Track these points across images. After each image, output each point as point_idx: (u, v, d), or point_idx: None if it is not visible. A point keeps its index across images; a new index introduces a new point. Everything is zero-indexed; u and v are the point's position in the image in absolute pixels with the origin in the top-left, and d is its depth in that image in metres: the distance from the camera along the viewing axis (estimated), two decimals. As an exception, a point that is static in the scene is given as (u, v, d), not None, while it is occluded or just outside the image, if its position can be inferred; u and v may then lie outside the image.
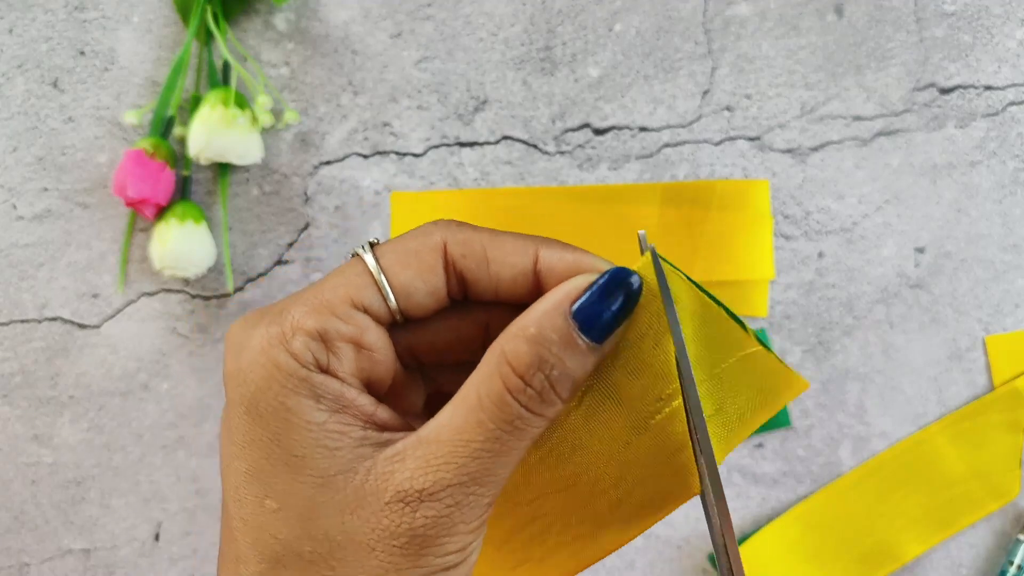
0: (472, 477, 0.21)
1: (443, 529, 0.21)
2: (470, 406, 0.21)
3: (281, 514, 0.21)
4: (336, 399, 0.21)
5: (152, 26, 0.50)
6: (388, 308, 0.23)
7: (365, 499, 0.21)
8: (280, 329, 0.21)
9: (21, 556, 0.49)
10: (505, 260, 0.23)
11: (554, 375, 0.21)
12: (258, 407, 0.21)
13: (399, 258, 0.23)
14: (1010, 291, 0.50)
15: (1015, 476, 0.50)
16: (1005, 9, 0.51)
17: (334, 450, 0.21)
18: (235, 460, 0.22)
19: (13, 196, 0.49)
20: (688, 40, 0.51)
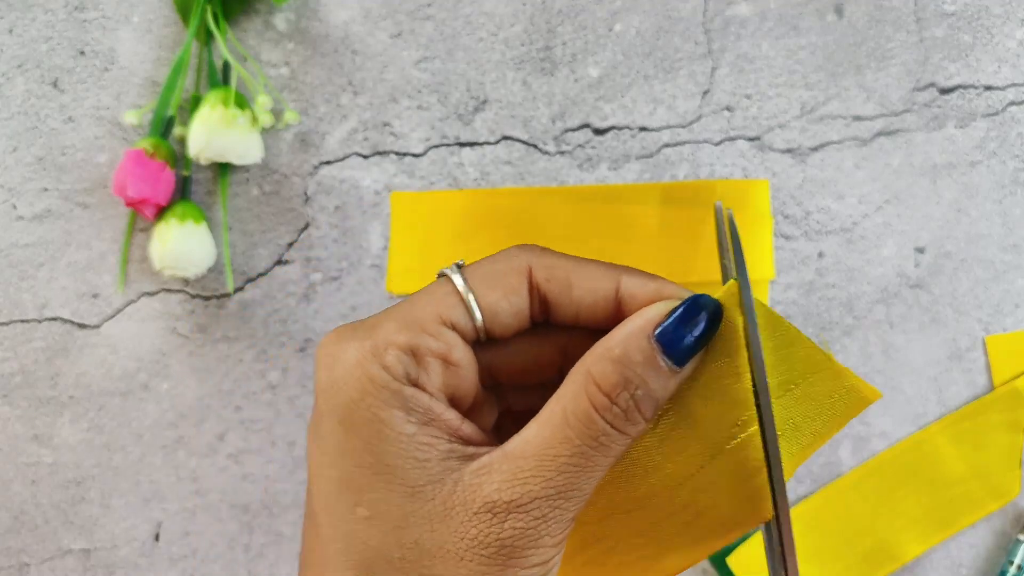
0: (558, 491, 0.22)
1: (529, 541, 0.22)
2: (556, 423, 0.22)
3: (373, 521, 0.22)
4: (425, 412, 0.22)
5: (152, 26, 0.50)
6: (474, 327, 0.24)
7: (453, 509, 0.22)
8: (373, 343, 0.22)
9: (21, 556, 0.49)
10: (587, 286, 0.24)
11: (638, 395, 0.22)
12: (351, 418, 0.22)
13: (486, 279, 0.24)
14: (1010, 291, 0.50)
15: (1015, 476, 0.50)
16: (1005, 9, 0.51)
17: (423, 461, 0.22)
18: (326, 469, 0.23)
19: (13, 196, 0.49)
20: (688, 40, 0.51)
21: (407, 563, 0.22)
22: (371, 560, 0.22)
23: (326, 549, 0.22)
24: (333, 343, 0.23)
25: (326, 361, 0.23)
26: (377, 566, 0.22)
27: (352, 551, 0.22)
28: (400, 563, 0.22)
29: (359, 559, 0.22)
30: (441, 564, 0.22)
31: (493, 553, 0.22)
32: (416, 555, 0.22)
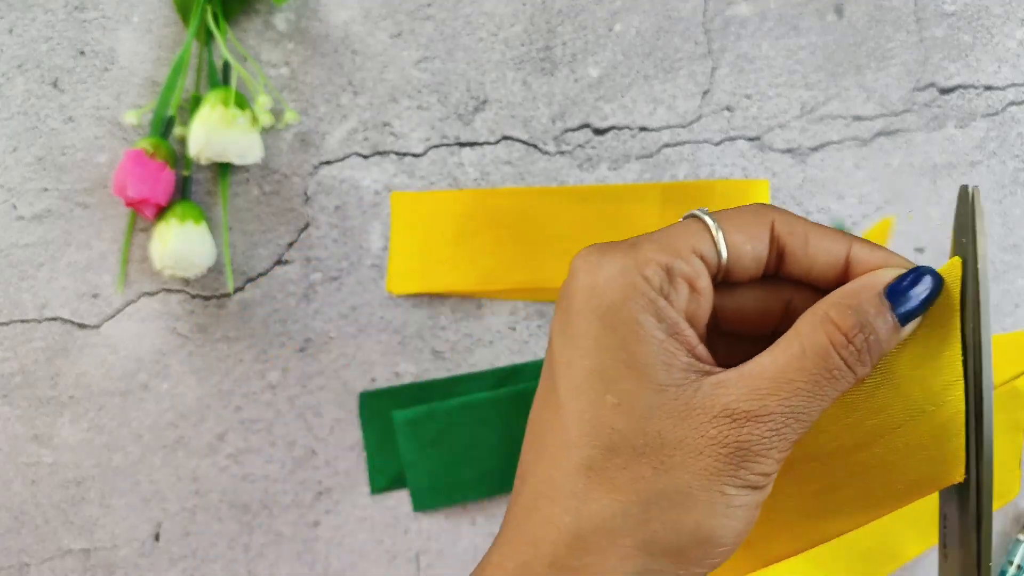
0: (792, 410, 0.24)
1: (763, 448, 0.24)
2: (793, 353, 0.24)
3: (621, 408, 0.24)
4: (673, 324, 0.25)
5: (152, 26, 0.50)
6: (719, 262, 0.26)
7: (694, 411, 0.24)
8: (635, 257, 0.25)
9: (21, 556, 0.49)
10: (823, 245, 0.27)
11: (871, 339, 0.25)
12: (612, 317, 0.24)
13: (734, 223, 0.26)
14: (1010, 291, 0.50)
15: (1015, 476, 0.50)
16: (1005, 9, 0.51)
17: (669, 365, 0.24)
18: (579, 359, 0.25)
19: (13, 196, 0.49)
20: (688, 40, 0.51)
21: (649, 449, 0.24)
22: (617, 443, 0.24)
23: (569, 432, 0.25)
24: (595, 253, 0.25)
25: (587, 267, 0.25)
26: (622, 449, 0.24)
27: (599, 434, 0.24)
28: (644, 449, 0.24)
29: (606, 442, 0.24)
30: (681, 455, 0.24)
31: (730, 453, 0.24)
32: (658, 444, 0.24)
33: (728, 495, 0.24)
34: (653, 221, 0.50)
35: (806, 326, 0.25)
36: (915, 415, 0.27)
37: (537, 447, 0.26)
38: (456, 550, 0.50)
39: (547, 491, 0.25)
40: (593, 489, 0.24)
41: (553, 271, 0.50)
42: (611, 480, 0.24)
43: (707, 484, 0.24)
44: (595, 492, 0.24)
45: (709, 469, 0.24)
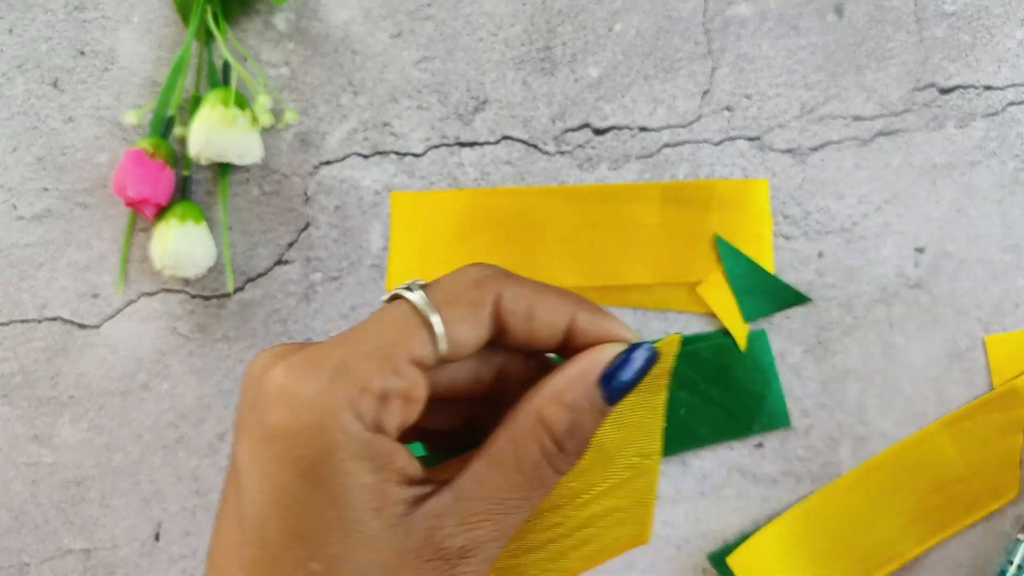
0: (503, 532, 0.23)
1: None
2: (508, 466, 0.23)
3: None
4: (386, 458, 0.22)
5: (152, 26, 0.50)
6: (435, 358, 0.23)
7: (407, 557, 0.22)
8: (347, 389, 0.21)
9: (21, 556, 0.49)
10: (547, 318, 0.24)
11: (581, 439, 0.23)
12: (317, 471, 0.21)
13: (456, 311, 0.23)
14: (1010, 291, 0.50)
15: (1015, 476, 0.50)
16: (1005, 9, 0.51)
17: (378, 510, 0.21)
18: (275, 520, 0.21)
19: (13, 196, 0.49)
20: (688, 40, 0.51)
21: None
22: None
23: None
24: (293, 377, 0.21)
25: (285, 400, 0.21)
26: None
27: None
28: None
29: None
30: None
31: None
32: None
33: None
34: (653, 221, 0.50)
35: (520, 429, 0.23)
36: (615, 480, 0.26)
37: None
38: (456, 550, 0.50)
39: None
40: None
41: (553, 271, 0.50)
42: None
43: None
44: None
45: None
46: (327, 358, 0.22)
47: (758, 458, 0.50)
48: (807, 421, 0.50)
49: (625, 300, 0.50)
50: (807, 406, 0.50)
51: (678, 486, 0.50)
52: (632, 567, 0.50)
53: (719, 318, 0.50)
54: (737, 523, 0.50)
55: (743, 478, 0.50)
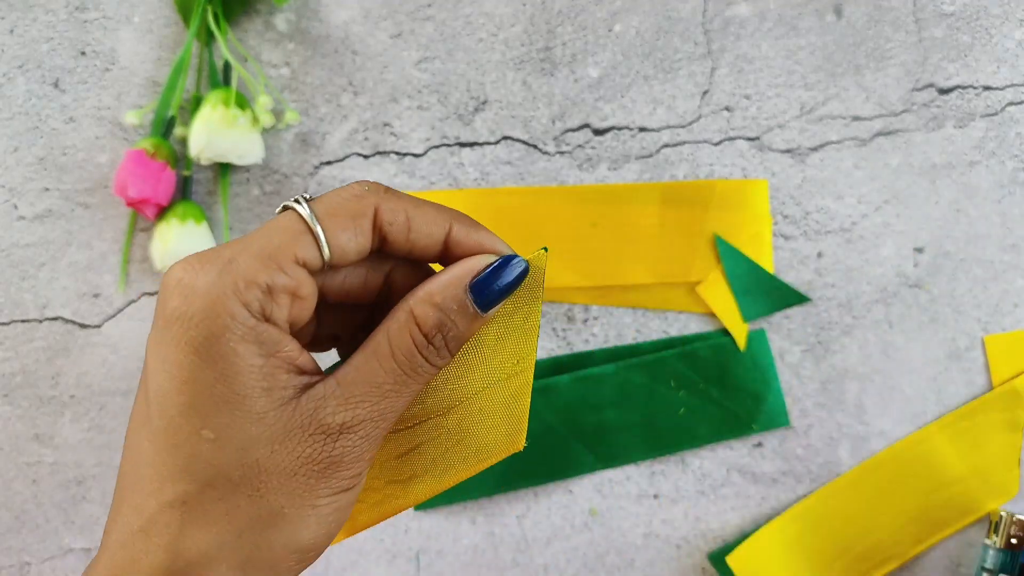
0: (381, 413, 0.26)
1: (354, 457, 0.25)
2: (383, 354, 0.25)
3: (218, 443, 0.24)
4: (273, 344, 0.24)
5: (153, 26, 0.50)
6: (322, 262, 0.26)
7: (292, 432, 0.25)
8: (234, 280, 0.24)
9: (22, 555, 0.49)
10: (424, 230, 0.27)
11: (450, 335, 0.26)
12: (208, 350, 0.24)
13: (337, 219, 0.26)
14: (1009, 291, 0.51)
15: (1014, 475, 0.50)
16: (1004, 9, 0.51)
17: (268, 390, 0.24)
18: (174, 395, 0.24)
19: (14, 196, 0.49)
20: (688, 40, 0.51)
21: (246, 480, 0.24)
22: (212, 477, 0.24)
23: (165, 465, 0.25)
24: (187, 272, 0.24)
25: (180, 290, 0.24)
26: (217, 483, 0.24)
27: (195, 469, 0.24)
28: (240, 480, 0.24)
29: (202, 477, 0.24)
30: (276, 480, 0.25)
31: (322, 468, 0.25)
32: (254, 472, 0.24)
33: (319, 506, 0.25)
34: (653, 221, 0.50)
35: (394, 323, 0.26)
36: (492, 383, 0.29)
37: (133, 476, 0.26)
38: (456, 549, 0.50)
39: (141, 525, 0.25)
40: (188, 524, 0.24)
41: (553, 271, 0.50)
42: (206, 514, 0.24)
43: (299, 502, 0.25)
44: (190, 527, 0.24)
45: (302, 488, 0.25)
46: (219, 256, 0.25)
47: (757, 458, 0.50)
48: (806, 421, 0.50)
49: (625, 300, 0.50)
50: (806, 406, 0.50)
51: (678, 486, 0.50)
52: (631, 566, 0.50)
53: (719, 318, 0.50)
54: (737, 522, 0.50)
55: (743, 478, 0.50)
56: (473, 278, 0.26)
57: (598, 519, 0.50)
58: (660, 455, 0.50)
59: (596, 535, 0.50)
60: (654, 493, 0.50)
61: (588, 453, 0.50)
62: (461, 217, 0.28)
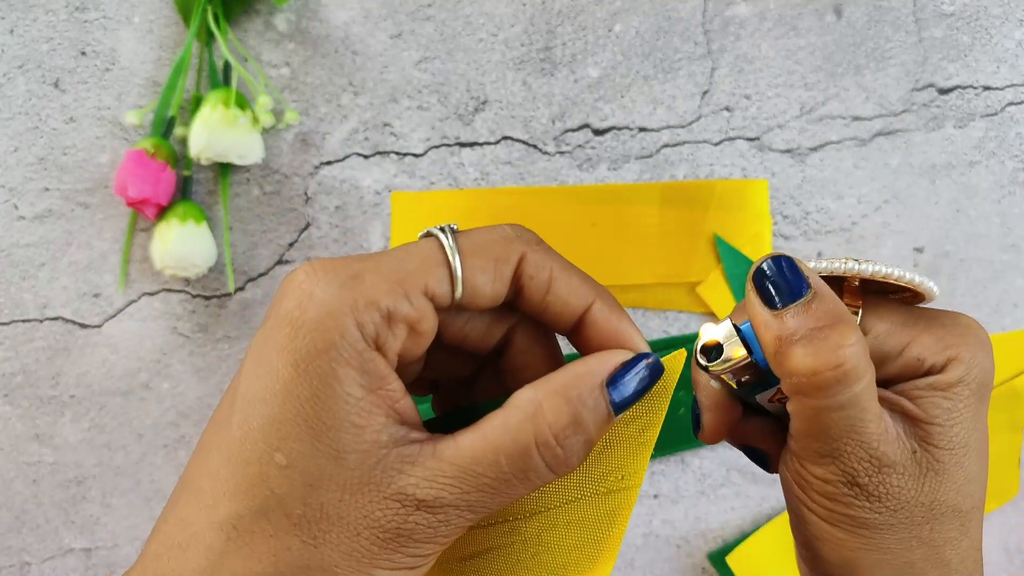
0: (469, 505, 0.22)
1: (425, 537, 0.22)
2: (494, 444, 0.22)
3: (287, 472, 0.22)
4: (377, 379, 0.22)
5: (153, 27, 0.50)
6: (452, 300, 0.23)
7: (368, 486, 0.22)
8: (355, 297, 0.22)
9: (22, 555, 0.49)
10: (564, 297, 0.24)
11: (581, 441, 0.23)
12: (308, 364, 0.22)
13: (479, 258, 0.23)
14: (1008, 291, 0.51)
15: (1015, 475, 0.50)
16: (1004, 10, 0.51)
17: (359, 427, 0.22)
18: (260, 404, 0.22)
19: (14, 196, 0.50)
20: (687, 41, 0.51)
21: (305, 521, 0.22)
22: (271, 507, 0.22)
23: (226, 481, 0.22)
24: (311, 279, 0.22)
25: (298, 296, 0.22)
26: (274, 515, 0.22)
27: (255, 493, 0.22)
28: (299, 519, 0.22)
29: (260, 503, 0.22)
30: (337, 532, 0.22)
31: (389, 538, 0.22)
32: (316, 517, 0.22)
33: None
34: (653, 221, 0.50)
35: (515, 414, 0.22)
36: (588, 494, 0.25)
37: (192, 484, 0.23)
38: (456, 549, 0.50)
39: (183, 539, 0.22)
40: (231, 553, 0.22)
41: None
42: (252, 545, 0.22)
43: (355, 566, 0.22)
44: (232, 557, 0.22)
45: (362, 551, 0.22)
46: (347, 267, 0.23)
47: (757, 457, 0.50)
48: (806, 420, 0.50)
49: (625, 300, 0.50)
50: (806, 406, 0.50)
51: (678, 486, 0.50)
52: (632, 566, 0.50)
53: (719, 318, 0.50)
54: (736, 522, 0.50)
55: (742, 478, 0.50)
56: (611, 374, 0.23)
57: (598, 519, 0.50)
58: (660, 455, 0.50)
59: (596, 535, 0.50)
60: (654, 493, 0.50)
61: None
62: (605, 295, 0.25)
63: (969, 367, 0.26)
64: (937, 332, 0.26)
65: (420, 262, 0.23)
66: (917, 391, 0.26)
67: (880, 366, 0.26)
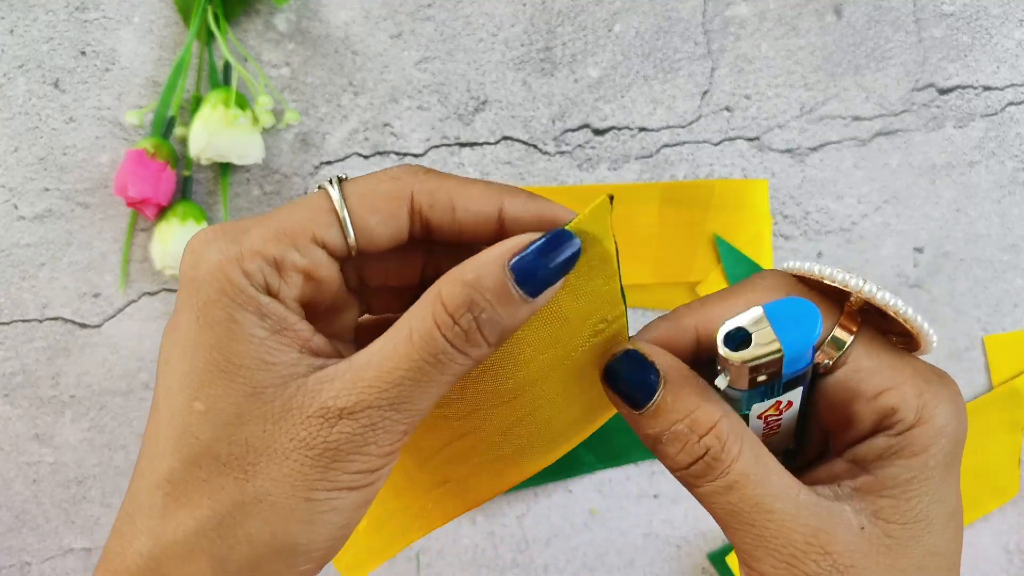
0: (390, 402, 0.22)
1: (355, 447, 0.22)
2: (401, 338, 0.22)
3: (207, 416, 0.22)
4: (278, 320, 0.23)
5: (153, 26, 0.50)
6: (347, 245, 0.24)
7: (290, 412, 0.22)
8: (239, 248, 0.23)
9: (23, 555, 0.49)
10: (471, 208, 0.24)
11: (482, 318, 0.22)
12: (208, 315, 0.22)
13: (367, 202, 0.24)
14: (1008, 291, 0.51)
15: (1014, 475, 0.50)
16: (1003, 10, 0.51)
17: (271, 364, 0.22)
18: (175, 360, 0.23)
19: (14, 196, 0.50)
20: (687, 41, 0.51)
21: (232, 459, 0.22)
22: (198, 454, 0.22)
23: (160, 439, 0.23)
24: (201, 242, 0.23)
25: (191, 258, 0.23)
26: (203, 460, 0.22)
27: (182, 443, 0.22)
28: (227, 458, 0.22)
29: (188, 452, 0.22)
30: (265, 462, 0.22)
31: (317, 455, 0.22)
32: (243, 452, 0.22)
33: (314, 500, 0.22)
34: (653, 221, 0.50)
35: (419, 304, 0.23)
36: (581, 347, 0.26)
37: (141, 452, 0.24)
38: (456, 549, 0.50)
39: (131, 509, 0.23)
40: (171, 505, 0.22)
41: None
42: (189, 495, 0.22)
43: (289, 491, 0.22)
44: (173, 509, 0.22)
45: (294, 475, 0.22)
46: (236, 226, 0.24)
47: (757, 457, 0.50)
48: (806, 420, 0.50)
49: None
50: (806, 406, 0.50)
51: (678, 486, 0.50)
52: (632, 566, 0.50)
53: (719, 318, 0.50)
54: (737, 522, 0.50)
55: (742, 477, 0.50)
56: (514, 255, 0.22)
57: (598, 519, 0.50)
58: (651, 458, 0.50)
59: (596, 535, 0.50)
60: (654, 493, 0.50)
61: (588, 453, 0.50)
62: (515, 191, 0.25)
63: (940, 432, 0.24)
64: (919, 385, 0.24)
65: (309, 213, 0.24)
66: (877, 456, 0.24)
67: (849, 404, 0.25)
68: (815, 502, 0.24)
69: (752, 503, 0.23)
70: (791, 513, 0.23)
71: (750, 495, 0.23)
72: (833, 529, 0.23)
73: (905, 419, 0.24)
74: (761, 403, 0.25)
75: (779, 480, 0.24)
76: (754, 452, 0.24)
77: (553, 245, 0.23)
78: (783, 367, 0.23)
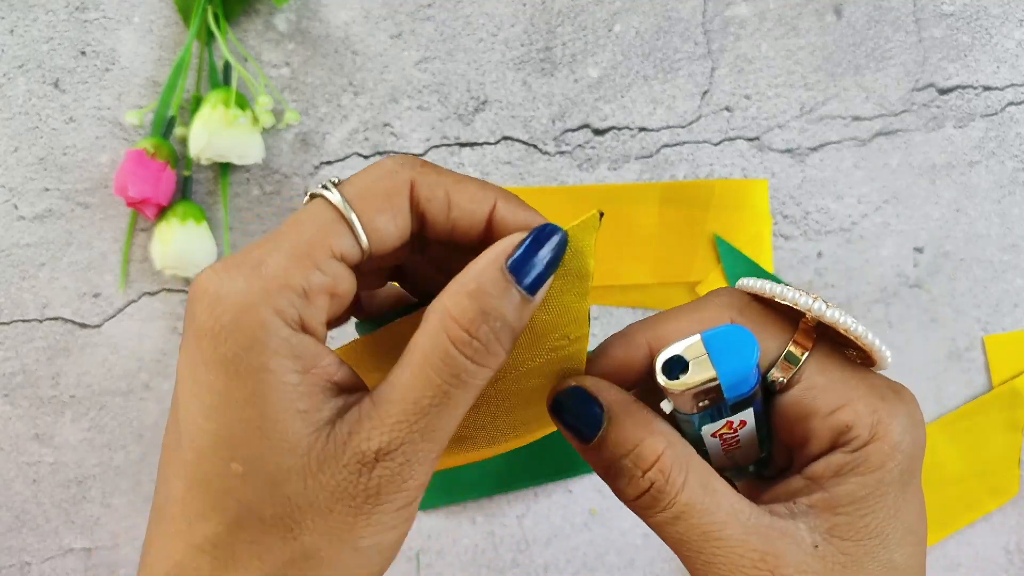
0: (421, 433, 0.22)
1: (395, 487, 0.22)
2: (417, 364, 0.22)
3: (248, 478, 0.21)
4: (310, 360, 0.22)
5: (153, 26, 0.50)
6: (360, 250, 0.23)
7: (326, 462, 0.21)
8: (264, 285, 0.21)
9: (23, 555, 0.49)
10: (466, 207, 0.24)
11: (496, 327, 0.22)
12: (238, 368, 0.21)
13: (371, 202, 0.23)
14: (1008, 291, 0.51)
15: (1014, 475, 0.50)
16: (1003, 10, 0.51)
17: (303, 412, 0.21)
18: (204, 419, 0.22)
19: (14, 196, 0.50)
20: (687, 41, 0.51)
21: (277, 519, 0.22)
22: (243, 517, 0.22)
23: (193, 505, 0.22)
24: (214, 280, 0.21)
25: (208, 303, 0.21)
26: (248, 523, 0.22)
27: (224, 508, 0.22)
28: (272, 519, 0.22)
29: (232, 516, 0.22)
30: (311, 518, 0.22)
31: (360, 503, 0.22)
32: (287, 510, 0.22)
33: (360, 548, 0.22)
34: (653, 221, 0.50)
35: (428, 326, 0.22)
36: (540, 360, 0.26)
37: (162, 514, 0.23)
38: (456, 549, 0.50)
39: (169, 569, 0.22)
40: (219, 569, 0.22)
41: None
42: (237, 558, 0.22)
43: (338, 545, 0.22)
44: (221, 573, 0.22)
45: (340, 527, 0.22)
46: (247, 258, 0.22)
47: (757, 457, 0.50)
48: (806, 420, 0.50)
49: (625, 300, 0.50)
50: (806, 405, 0.50)
51: (678, 485, 0.50)
52: (632, 565, 0.50)
53: (718, 318, 0.50)
54: (736, 522, 0.50)
55: (742, 477, 0.50)
56: (508, 257, 0.22)
57: (598, 519, 0.50)
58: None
59: (596, 535, 0.50)
60: (654, 493, 0.50)
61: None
62: (507, 195, 0.24)
63: (896, 447, 0.24)
64: (873, 402, 0.24)
65: (317, 227, 0.22)
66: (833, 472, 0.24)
67: (805, 421, 0.25)
68: (767, 524, 0.24)
69: (699, 532, 0.23)
70: (739, 539, 0.23)
71: (696, 524, 0.23)
72: (783, 551, 0.23)
73: (860, 436, 0.24)
74: (712, 423, 0.25)
75: (728, 505, 0.24)
76: (701, 480, 0.24)
77: (541, 240, 0.23)
78: (725, 392, 0.23)
